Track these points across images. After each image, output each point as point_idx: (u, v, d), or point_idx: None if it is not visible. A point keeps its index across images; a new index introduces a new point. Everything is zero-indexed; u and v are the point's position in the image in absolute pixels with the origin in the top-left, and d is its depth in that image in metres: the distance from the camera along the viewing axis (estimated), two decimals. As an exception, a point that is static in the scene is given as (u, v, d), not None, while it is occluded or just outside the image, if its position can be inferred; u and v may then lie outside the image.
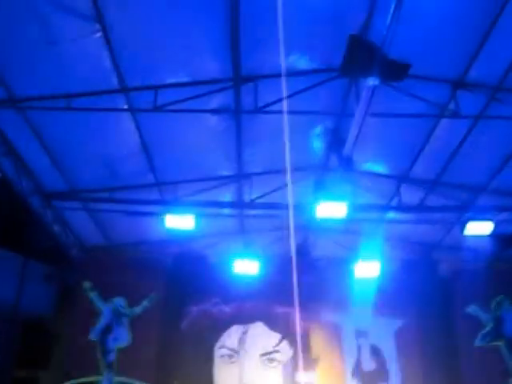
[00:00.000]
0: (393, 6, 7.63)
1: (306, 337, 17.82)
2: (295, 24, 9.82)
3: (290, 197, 12.02)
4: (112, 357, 16.36)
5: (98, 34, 9.73)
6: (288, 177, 11.07)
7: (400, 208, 15.16)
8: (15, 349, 17.35)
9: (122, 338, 16.67)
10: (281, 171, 14.36)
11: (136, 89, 11.26)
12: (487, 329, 16.94)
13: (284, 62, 10.82)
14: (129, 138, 12.75)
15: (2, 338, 16.90)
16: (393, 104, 11.39)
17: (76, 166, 13.52)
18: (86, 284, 17.01)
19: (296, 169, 14.23)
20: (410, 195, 14.93)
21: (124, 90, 11.19)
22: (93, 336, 16.54)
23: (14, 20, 9.43)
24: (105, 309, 16.92)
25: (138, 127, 12.39)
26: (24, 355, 17.33)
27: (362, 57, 9.74)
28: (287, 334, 17.78)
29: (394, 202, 15.11)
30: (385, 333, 18.22)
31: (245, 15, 9.55)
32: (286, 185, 14.16)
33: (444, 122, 12.39)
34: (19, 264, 16.77)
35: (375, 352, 18.00)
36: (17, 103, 11.02)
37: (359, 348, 18.02)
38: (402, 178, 14.83)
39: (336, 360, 17.78)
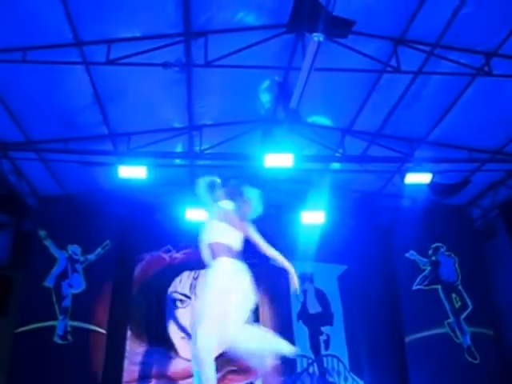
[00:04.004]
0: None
1: (254, 281, 18.36)
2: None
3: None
4: (67, 303, 16.55)
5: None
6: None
7: (344, 158, 15.67)
8: (-30, 297, 17.48)
9: (77, 284, 16.87)
10: (230, 123, 14.77)
11: (90, 42, 11.50)
12: (425, 273, 17.75)
13: (233, 18, 11.31)
14: (83, 91, 12.95)
15: (-43, 286, 17.03)
16: (337, 59, 11.80)
17: (32, 117, 13.65)
18: (41, 232, 17.04)
19: (245, 121, 14.75)
20: (354, 146, 15.42)
21: (78, 43, 11.42)
22: (48, 283, 16.66)
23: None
24: (60, 256, 17.02)
25: (91, 80, 12.61)
26: (-21, 302, 17.45)
27: (307, 13, 10.15)
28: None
29: (339, 153, 15.58)
30: (329, 278, 19.02)
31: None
32: (234, 136, 14.52)
33: (385, 77, 12.86)
34: (-27, 213, 16.82)
35: (320, 296, 18.77)
36: (-27, 56, 11.17)
37: (305, 292, 18.71)
38: (345, 130, 15.32)
39: (283, 304, 18.43)
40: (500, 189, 16.92)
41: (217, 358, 6.44)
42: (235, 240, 7.35)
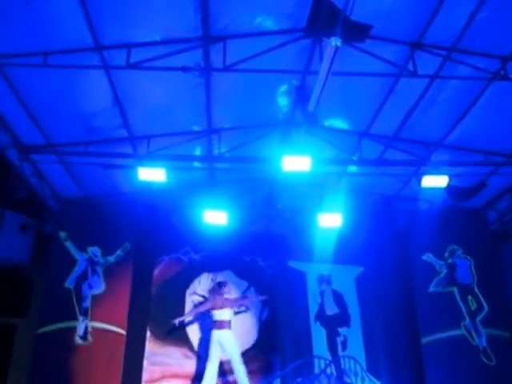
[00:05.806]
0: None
1: (272, 283, 18.62)
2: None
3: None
4: (87, 303, 16.65)
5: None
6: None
7: (361, 162, 15.77)
8: (-7, 297, 17.63)
9: (97, 285, 16.97)
10: (248, 126, 14.86)
11: (110, 47, 11.63)
12: (441, 275, 17.78)
13: (252, 23, 11.39)
14: (103, 94, 13.09)
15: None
16: (354, 63, 11.88)
17: (53, 120, 13.80)
18: (62, 234, 17.16)
19: (263, 124, 14.86)
20: (371, 150, 15.52)
21: (98, 47, 11.54)
22: (68, 284, 16.74)
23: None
24: (80, 258, 17.12)
25: (112, 84, 12.76)
26: (1, 303, 17.58)
27: (325, 18, 10.22)
28: (254, 281, 18.63)
29: (356, 156, 15.71)
30: (346, 279, 19.18)
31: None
32: (252, 139, 14.61)
33: (402, 81, 12.92)
34: (-4, 215, 16.97)
35: (337, 297, 18.92)
36: (-5, 60, 11.36)
37: (322, 294, 18.93)
38: (362, 134, 15.41)
39: (301, 305, 18.65)
40: (516, 192, 16.87)
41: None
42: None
